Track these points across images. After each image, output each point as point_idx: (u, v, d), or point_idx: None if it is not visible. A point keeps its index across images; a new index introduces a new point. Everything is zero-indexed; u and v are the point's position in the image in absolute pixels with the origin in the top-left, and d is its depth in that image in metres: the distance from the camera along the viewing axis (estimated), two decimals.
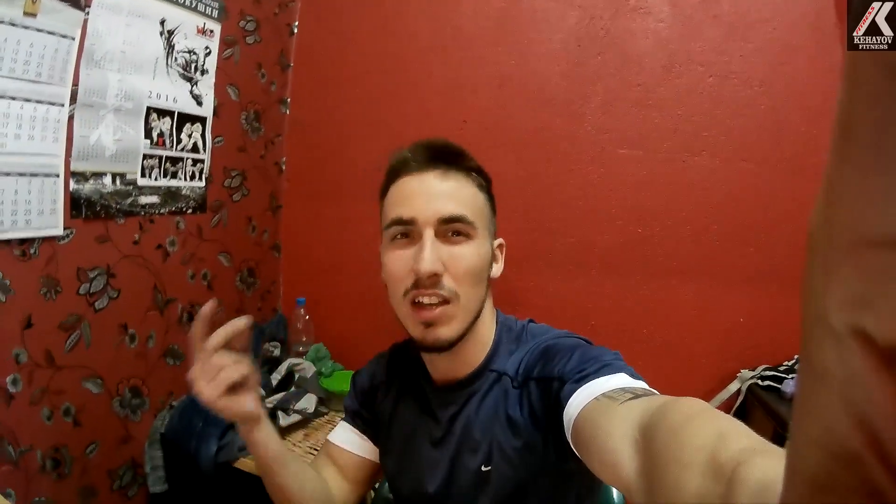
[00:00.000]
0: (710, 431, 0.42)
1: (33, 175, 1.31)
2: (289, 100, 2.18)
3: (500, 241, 0.98)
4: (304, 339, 2.06)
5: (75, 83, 1.38)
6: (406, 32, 1.97)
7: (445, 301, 0.83)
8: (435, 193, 0.86)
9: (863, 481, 0.17)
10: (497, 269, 0.96)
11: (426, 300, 0.84)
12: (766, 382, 1.56)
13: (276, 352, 2.01)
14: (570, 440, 0.70)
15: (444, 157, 0.89)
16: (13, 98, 1.24)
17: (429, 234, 0.84)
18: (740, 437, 0.41)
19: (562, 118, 1.80)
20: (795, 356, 1.58)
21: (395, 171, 0.91)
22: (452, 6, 1.90)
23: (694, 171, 1.70)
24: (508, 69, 1.85)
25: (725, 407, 1.66)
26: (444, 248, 0.84)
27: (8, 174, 1.25)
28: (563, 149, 1.80)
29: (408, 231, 0.86)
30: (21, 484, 1.33)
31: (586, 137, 1.78)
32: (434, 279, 0.83)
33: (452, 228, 0.85)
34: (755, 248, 1.67)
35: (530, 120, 1.83)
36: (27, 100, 1.27)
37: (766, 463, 0.34)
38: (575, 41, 1.77)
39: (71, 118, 1.38)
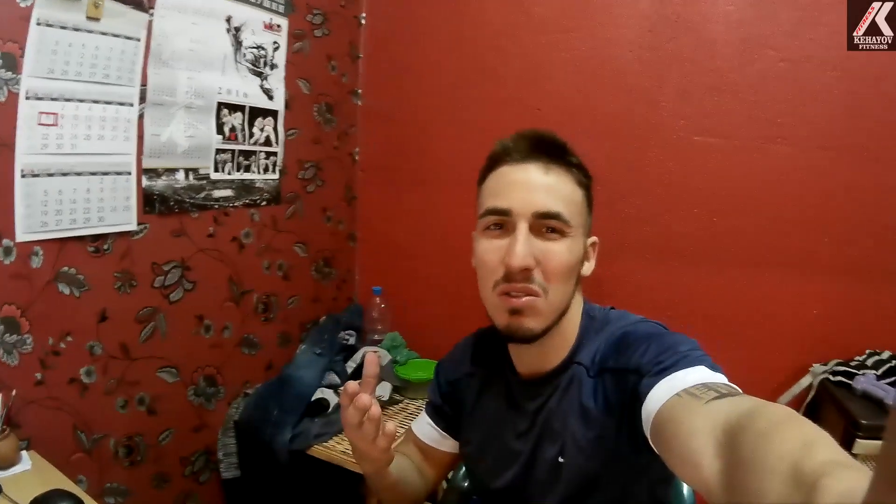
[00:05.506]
0: (796, 439, 0.43)
1: (105, 174, 1.36)
2: (360, 91, 2.18)
3: (593, 239, 0.94)
4: (379, 328, 2.07)
5: (144, 83, 1.42)
6: (477, 19, 1.94)
7: (534, 294, 0.81)
8: (533, 186, 0.83)
9: None
10: (588, 268, 0.93)
11: (515, 293, 0.82)
12: (838, 378, 1.49)
13: (352, 340, 2.03)
14: (648, 435, 0.69)
15: (547, 149, 0.86)
16: (81, 100, 1.29)
17: (522, 227, 0.81)
18: (826, 449, 0.41)
19: (638, 104, 1.76)
20: (867, 351, 1.56)
21: (496, 160, 0.89)
22: None
23: (770, 159, 1.64)
24: (582, 55, 1.81)
25: (797, 401, 1.63)
26: (537, 242, 0.82)
27: (79, 174, 1.31)
28: (641, 135, 1.76)
29: (502, 222, 0.84)
30: (94, 471, 1.41)
31: (663, 124, 1.74)
32: (525, 273, 0.81)
33: (547, 224, 0.82)
34: (831, 238, 1.60)
35: (607, 106, 1.79)
36: (95, 101, 1.32)
37: (850, 476, 0.34)
38: (648, 26, 1.73)
39: (141, 117, 1.43)
